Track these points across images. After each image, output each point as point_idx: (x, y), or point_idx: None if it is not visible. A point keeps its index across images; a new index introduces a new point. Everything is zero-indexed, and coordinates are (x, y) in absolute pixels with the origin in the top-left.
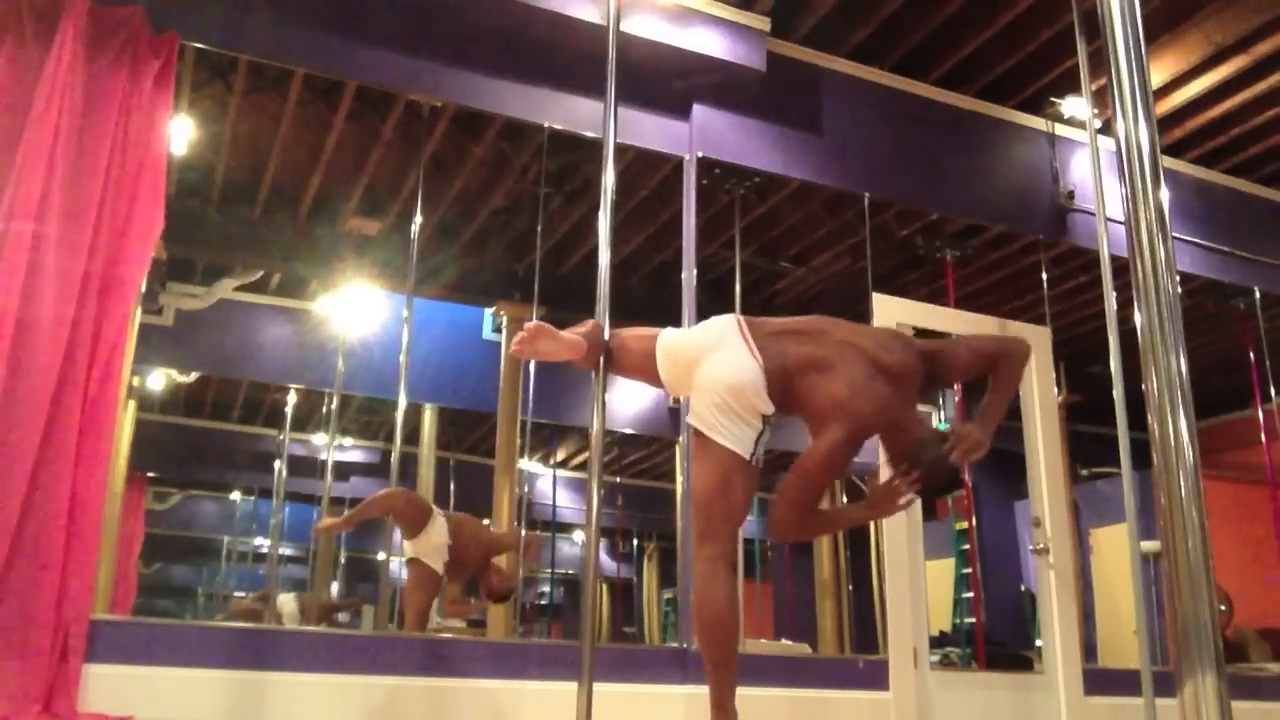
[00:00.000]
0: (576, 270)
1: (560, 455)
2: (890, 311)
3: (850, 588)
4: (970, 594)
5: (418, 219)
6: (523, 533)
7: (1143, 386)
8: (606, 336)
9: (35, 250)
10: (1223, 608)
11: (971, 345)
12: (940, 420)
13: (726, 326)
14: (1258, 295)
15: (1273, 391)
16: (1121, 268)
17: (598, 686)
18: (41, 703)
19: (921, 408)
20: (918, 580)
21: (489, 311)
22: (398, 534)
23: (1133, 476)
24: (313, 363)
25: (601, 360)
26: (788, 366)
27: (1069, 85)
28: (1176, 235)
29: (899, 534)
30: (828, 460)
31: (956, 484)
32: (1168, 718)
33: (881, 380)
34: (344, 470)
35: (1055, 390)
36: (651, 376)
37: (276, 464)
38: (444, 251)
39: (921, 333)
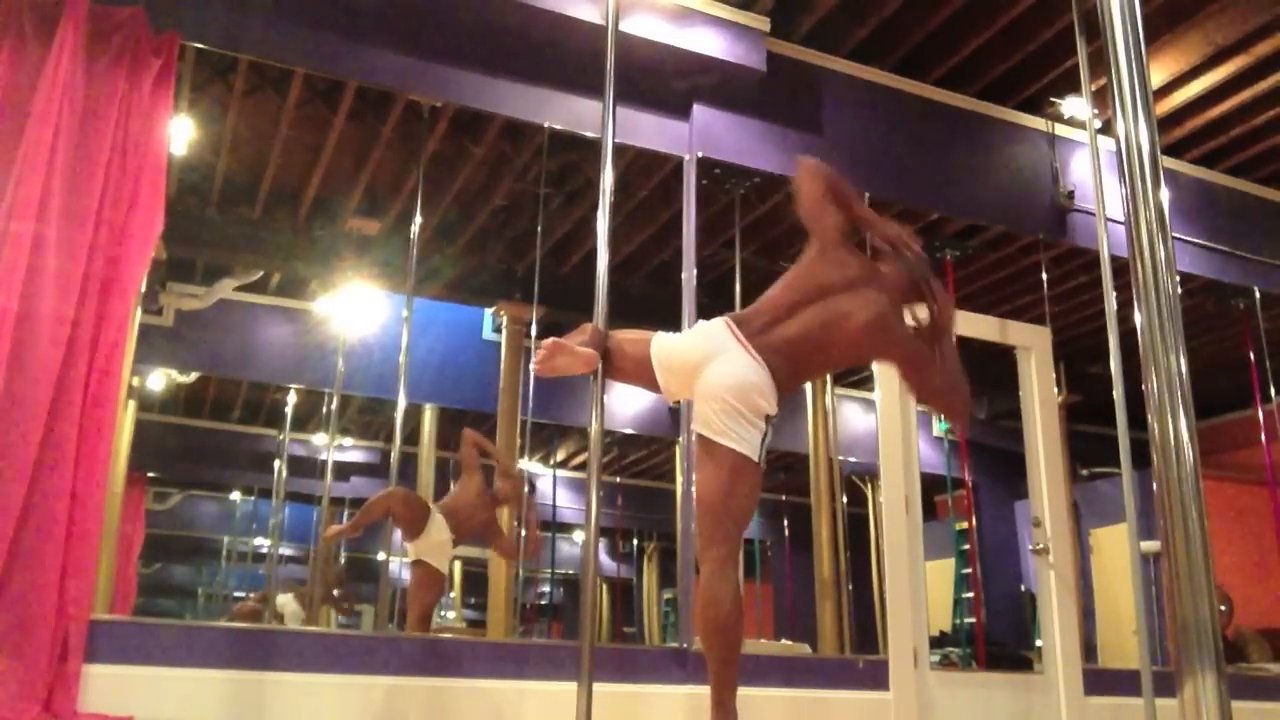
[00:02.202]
0: (576, 270)
1: (560, 455)
2: None
3: (850, 588)
4: (970, 594)
5: (418, 219)
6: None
7: (1143, 386)
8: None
9: (35, 250)
10: (1223, 608)
11: (809, 192)
12: (941, 420)
13: (718, 331)
14: (1258, 295)
15: (1273, 391)
16: (1121, 268)
17: (598, 686)
18: (41, 703)
19: (921, 408)
20: (918, 580)
21: (489, 311)
22: (398, 534)
23: (1133, 476)
24: (313, 363)
25: (600, 362)
26: (794, 352)
27: (1069, 85)
28: (1176, 235)
29: (899, 534)
30: (915, 346)
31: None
32: (1168, 718)
33: (859, 290)
34: (344, 470)
35: (1055, 390)
36: (648, 382)
37: (276, 464)
38: (444, 251)
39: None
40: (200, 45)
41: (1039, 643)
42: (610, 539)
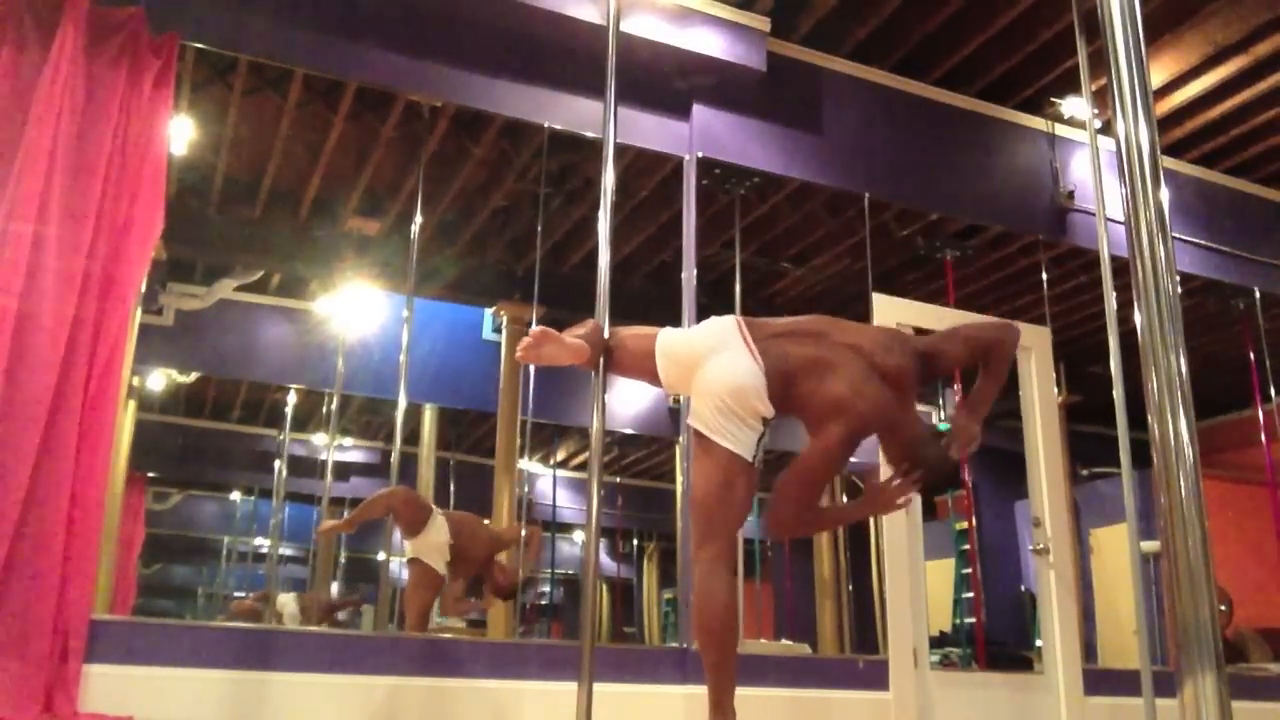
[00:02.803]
0: (576, 270)
1: (560, 455)
2: (890, 312)
3: (850, 588)
4: (970, 594)
5: (418, 219)
6: (523, 531)
7: (1143, 386)
8: (606, 335)
9: (35, 250)
10: (1223, 608)
11: (968, 338)
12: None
13: (726, 328)
14: (1258, 295)
15: (1273, 391)
16: (1121, 268)
17: (598, 686)
18: (41, 703)
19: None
20: (918, 580)
21: (489, 311)
22: (398, 534)
23: (1133, 476)
24: (313, 363)
25: (601, 360)
26: (788, 368)
27: (1069, 85)
28: (1176, 235)
29: (899, 534)
30: (826, 459)
31: (956, 481)
32: (1168, 718)
33: (880, 382)
34: (344, 470)
35: (1055, 390)
36: (650, 376)
37: (276, 464)
38: (444, 251)
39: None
40: (200, 45)
41: (1039, 643)
42: (610, 539)
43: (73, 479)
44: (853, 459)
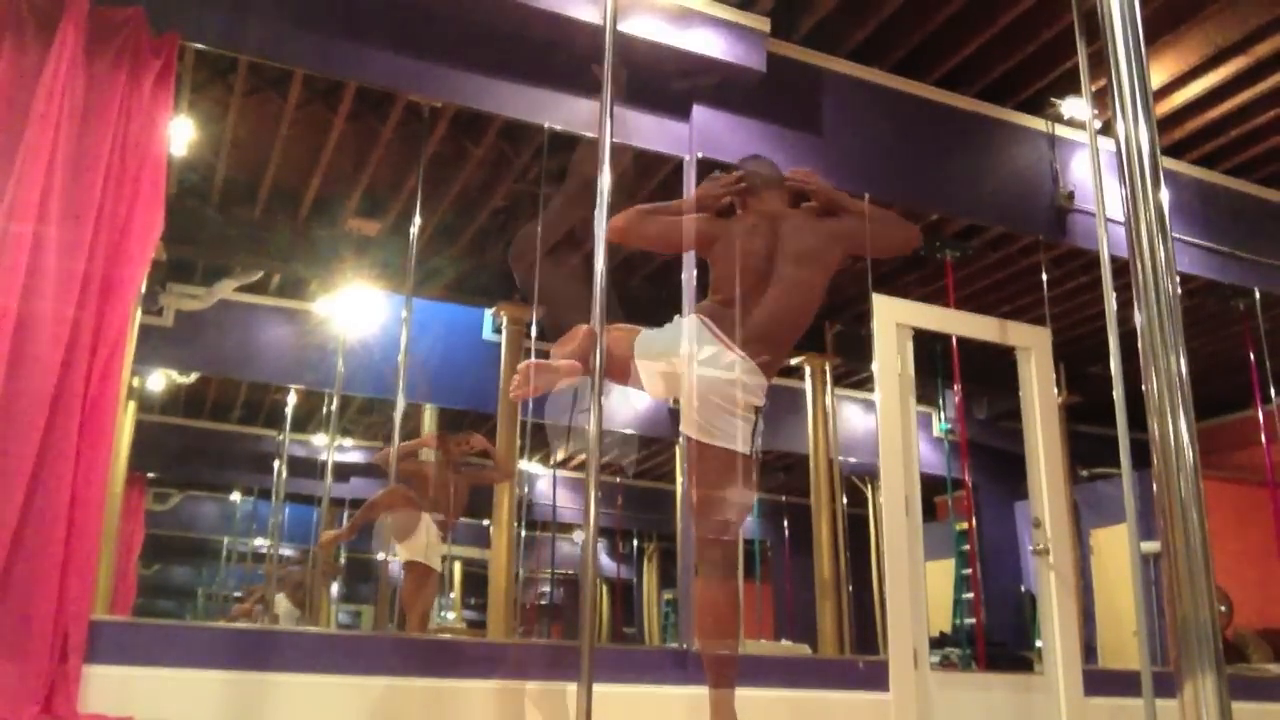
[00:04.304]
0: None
1: (560, 455)
2: (890, 311)
3: (850, 588)
4: (970, 595)
5: (417, 219)
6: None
7: (1143, 386)
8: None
9: (35, 250)
10: (1223, 608)
11: (640, 238)
12: (941, 421)
13: (696, 331)
14: (1258, 295)
15: (1273, 391)
16: (1121, 268)
17: (597, 687)
18: (41, 703)
19: (922, 408)
20: (918, 580)
21: (489, 311)
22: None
23: (1133, 476)
24: (313, 363)
25: (598, 362)
26: (774, 330)
27: (1069, 86)
28: (1176, 235)
29: (899, 535)
30: (841, 224)
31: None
32: (1168, 718)
33: (779, 228)
34: (344, 471)
35: (1055, 390)
36: (635, 383)
37: (276, 464)
38: (444, 252)
39: (921, 333)
40: (200, 45)
41: (1039, 643)
42: (610, 539)
43: (73, 479)
44: (854, 459)
